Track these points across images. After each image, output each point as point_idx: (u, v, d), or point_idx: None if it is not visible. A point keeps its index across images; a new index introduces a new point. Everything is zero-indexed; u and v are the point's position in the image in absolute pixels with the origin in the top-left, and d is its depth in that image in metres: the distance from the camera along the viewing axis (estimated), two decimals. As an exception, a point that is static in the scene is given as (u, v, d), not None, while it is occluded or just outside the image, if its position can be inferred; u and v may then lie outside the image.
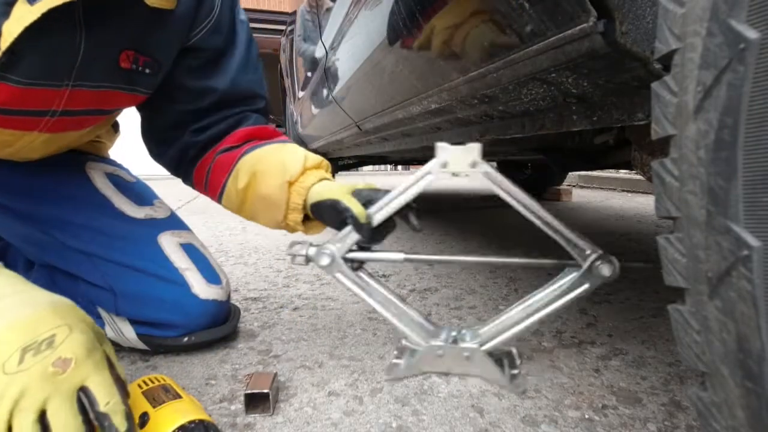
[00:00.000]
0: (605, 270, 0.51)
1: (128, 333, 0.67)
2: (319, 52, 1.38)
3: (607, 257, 0.51)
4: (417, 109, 0.78)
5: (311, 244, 0.60)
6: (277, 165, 0.66)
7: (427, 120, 0.83)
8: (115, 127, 0.85)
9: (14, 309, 0.38)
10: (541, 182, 2.90)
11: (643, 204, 2.57)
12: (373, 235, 0.58)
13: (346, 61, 1.06)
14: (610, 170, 3.59)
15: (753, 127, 0.21)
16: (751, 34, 0.20)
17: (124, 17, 0.53)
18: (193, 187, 0.77)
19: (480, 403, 0.54)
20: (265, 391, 0.52)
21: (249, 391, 0.52)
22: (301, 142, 2.39)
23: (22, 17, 0.43)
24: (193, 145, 0.71)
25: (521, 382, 0.57)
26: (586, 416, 0.52)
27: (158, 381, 0.49)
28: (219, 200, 0.73)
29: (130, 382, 0.50)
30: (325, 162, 0.70)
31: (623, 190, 3.36)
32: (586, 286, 0.53)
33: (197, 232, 0.82)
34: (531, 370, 0.62)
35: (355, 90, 1.07)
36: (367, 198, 0.60)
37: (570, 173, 3.56)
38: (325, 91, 1.36)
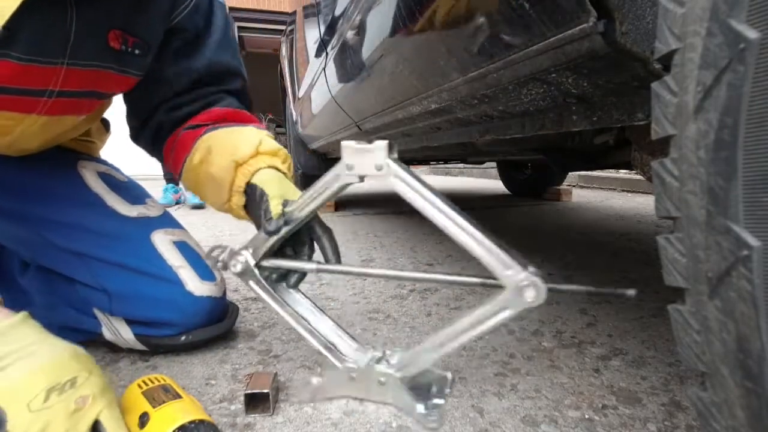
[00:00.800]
0: (529, 295, 0.44)
1: (125, 334, 0.67)
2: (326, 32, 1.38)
3: (533, 280, 0.44)
4: (417, 109, 0.78)
5: (231, 250, 0.56)
6: (231, 145, 0.64)
7: (427, 120, 0.83)
8: (106, 126, 0.84)
9: (39, 355, 0.41)
10: (541, 182, 2.91)
11: (643, 204, 2.57)
12: (280, 233, 0.54)
13: (346, 61, 1.06)
14: (610, 170, 3.60)
15: (753, 127, 0.21)
16: (751, 34, 0.20)
17: None
18: (164, 164, 0.77)
19: (480, 403, 0.54)
20: (265, 391, 0.52)
21: (249, 391, 0.52)
22: (302, 142, 2.39)
23: None
24: (166, 122, 0.72)
25: (437, 416, 0.50)
26: (586, 416, 0.52)
27: (158, 381, 0.49)
28: (180, 177, 0.72)
29: (130, 383, 0.50)
30: (283, 151, 0.67)
31: (623, 190, 3.35)
32: (507, 312, 0.46)
33: (197, 232, 0.82)
34: (531, 370, 0.62)
35: (355, 90, 1.07)
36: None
37: (570, 173, 3.57)
38: (325, 90, 1.36)
